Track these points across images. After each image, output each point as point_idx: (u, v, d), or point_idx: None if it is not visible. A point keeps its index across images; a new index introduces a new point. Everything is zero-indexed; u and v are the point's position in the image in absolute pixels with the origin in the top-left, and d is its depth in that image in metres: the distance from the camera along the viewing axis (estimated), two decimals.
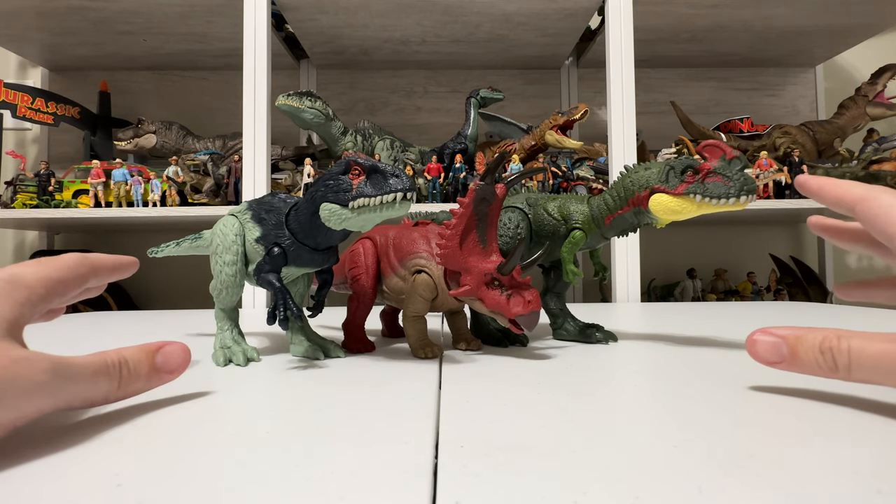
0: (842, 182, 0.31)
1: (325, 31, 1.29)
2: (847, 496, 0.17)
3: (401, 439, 0.24)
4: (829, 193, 0.32)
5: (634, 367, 0.40)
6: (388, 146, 1.23)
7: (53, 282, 0.27)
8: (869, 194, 0.29)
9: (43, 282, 0.27)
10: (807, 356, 0.26)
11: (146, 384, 0.28)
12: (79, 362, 0.24)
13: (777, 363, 0.28)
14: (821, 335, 0.26)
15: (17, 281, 0.25)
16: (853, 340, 0.25)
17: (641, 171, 0.44)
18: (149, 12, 1.20)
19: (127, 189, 1.13)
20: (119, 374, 0.26)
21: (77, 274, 0.29)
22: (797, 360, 0.27)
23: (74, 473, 0.20)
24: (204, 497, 0.18)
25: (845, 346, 0.25)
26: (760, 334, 0.28)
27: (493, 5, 1.17)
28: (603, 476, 0.19)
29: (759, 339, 0.28)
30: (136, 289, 1.51)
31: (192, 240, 0.51)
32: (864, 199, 0.29)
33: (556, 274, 0.52)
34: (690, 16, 1.26)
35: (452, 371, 0.38)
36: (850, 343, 0.25)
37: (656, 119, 1.54)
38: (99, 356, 0.26)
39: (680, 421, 0.26)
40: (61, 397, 0.23)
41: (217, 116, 1.53)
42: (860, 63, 1.60)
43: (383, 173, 0.36)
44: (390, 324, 0.56)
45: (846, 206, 0.31)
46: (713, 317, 0.71)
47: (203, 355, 0.45)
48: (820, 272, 1.53)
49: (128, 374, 0.27)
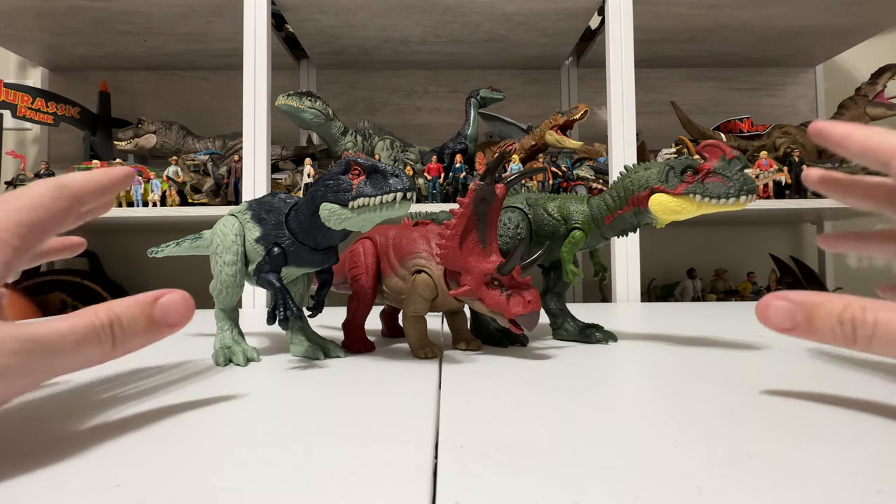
0: (874, 130, 0.27)
1: (325, 31, 1.29)
2: (847, 496, 0.17)
3: (401, 439, 0.24)
4: (857, 143, 0.28)
5: (634, 367, 0.40)
6: (388, 146, 1.23)
7: (27, 227, 0.23)
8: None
9: (14, 230, 0.23)
10: (824, 324, 0.24)
11: (146, 339, 0.25)
12: (59, 331, 0.22)
13: (789, 330, 0.26)
14: (842, 303, 0.24)
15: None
16: (881, 313, 0.23)
17: (641, 171, 0.44)
18: (149, 12, 1.20)
19: (127, 189, 1.13)
20: (111, 335, 0.23)
21: (56, 210, 0.25)
22: (812, 328, 0.25)
23: (74, 473, 0.20)
24: (204, 497, 0.18)
25: (871, 318, 0.23)
26: (774, 299, 0.26)
27: (493, 5, 1.17)
28: (603, 476, 0.19)
29: (773, 303, 0.26)
30: (136, 289, 1.51)
31: (192, 240, 0.51)
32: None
33: (556, 274, 0.52)
34: (690, 16, 1.26)
35: (452, 371, 0.38)
36: (878, 315, 0.23)
37: (656, 119, 1.54)
38: (87, 317, 0.23)
39: (680, 421, 0.26)
40: (41, 374, 0.21)
41: (217, 116, 1.53)
42: (860, 63, 1.60)
43: (383, 173, 0.36)
44: (390, 324, 0.56)
45: (879, 160, 0.27)
46: (713, 317, 0.71)
47: (203, 355, 0.45)
48: (820, 272, 1.53)
49: (122, 333, 0.24)
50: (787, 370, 0.37)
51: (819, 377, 0.35)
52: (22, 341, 0.20)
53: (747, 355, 0.43)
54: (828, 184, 0.34)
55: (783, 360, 0.41)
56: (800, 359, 0.41)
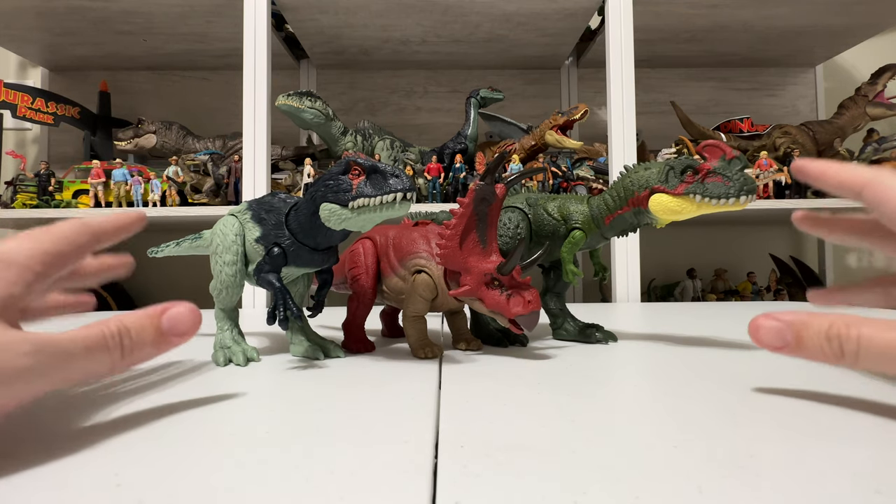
0: (845, 165, 0.30)
1: (325, 31, 1.29)
2: (847, 496, 0.17)
3: (401, 439, 0.24)
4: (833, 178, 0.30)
5: (634, 367, 0.40)
6: (388, 146, 1.23)
7: (50, 256, 0.25)
8: (877, 177, 0.28)
9: (38, 258, 0.25)
10: (812, 342, 0.26)
11: (154, 351, 0.26)
12: (71, 338, 0.23)
13: (780, 348, 0.27)
14: (828, 321, 0.25)
15: (8, 259, 0.24)
16: (863, 328, 0.24)
17: (641, 171, 0.44)
18: (149, 12, 1.20)
19: (127, 189, 1.13)
20: (120, 345, 0.24)
21: (76, 245, 0.27)
22: (802, 346, 0.26)
23: (74, 472, 0.20)
24: (203, 497, 0.18)
25: (854, 333, 0.24)
26: (764, 319, 0.27)
27: (493, 5, 1.17)
28: (603, 476, 0.19)
29: (763, 323, 0.27)
30: (136, 289, 1.51)
31: (192, 240, 0.51)
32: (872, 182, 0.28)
33: (556, 274, 0.52)
34: (690, 16, 1.26)
35: (452, 371, 0.38)
36: (861, 331, 0.24)
37: (656, 119, 1.54)
38: (96, 328, 0.24)
39: (680, 421, 0.26)
40: (53, 378, 0.22)
41: (217, 116, 1.53)
42: (860, 63, 1.60)
43: (383, 173, 0.36)
44: (390, 324, 0.56)
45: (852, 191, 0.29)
46: (713, 317, 0.71)
47: (203, 355, 0.45)
48: (820, 272, 1.53)
49: (130, 344, 0.25)
50: (787, 370, 0.37)
51: (818, 377, 0.35)
52: (35, 344, 0.22)
53: (747, 355, 0.43)
54: (812, 223, 0.35)
55: (783, 360, 0.41)
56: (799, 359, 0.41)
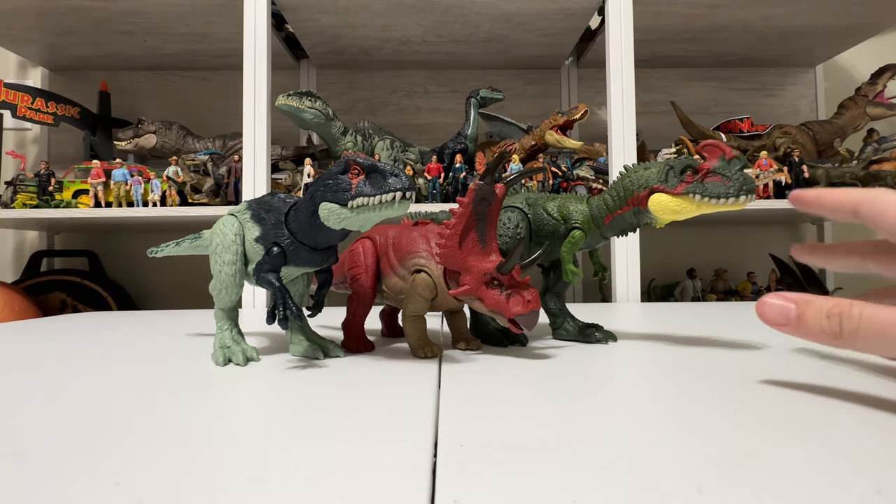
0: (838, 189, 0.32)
1: (325, 31, 1.29)
2: (847, 496, 0.17)
3: (400, 439, 0.24)
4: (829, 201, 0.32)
5: (634, 367, 0.39)
6: (388, 146, 1.23)
7: None
8: (870, 194, 0.29)
9: None
10: (813, 320, 0.26)
11: None
12: None
13: (783, 325, 0.28)
14: (832, 301, 0.26)
15: None
16: (866, 308, 0.25)
17: (641, 171, 0.44)
18: (149, 12, 1.20)
19: (127, 189, 1.13)
20: None
21: None
22: (803, 324, 0.27)
23: (74, 473, 0.20)
24: (203, 497, 0.18)
25: (857, 311, 0.25)
26: (771, 297, 0.28)
27: (493, 5, 1.17)
28: (603, 476, 0.19)
29: (770, 301, 0.28)
30: (136, 289, 1.51)
31: (191, 240, 0.51)
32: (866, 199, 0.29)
33: (556, 274, 0.52)
34: (690, 16, 1.26)
35: (452, 371, 0.38)
36: (864, 310, 0.25)
37: (656, 119, 1.54)
38: None
39: (680, 421, 0.26)
40: None
41: (217, 116, 1.53)
42: (860, 63, 1.60)
43: (382, 173, 0.36)
44: (390, 324, 0.56)
45: (848, 211, 0.31)
46: (713, 317, 0.71)
47: (203, 355, 0.45)
48: (820, 272, 1.53)
49: None
50: (787, 370, 0.37)
51: (818, 377, 0.35)
52: None
53: (747, 355, 0.43)
54: (812, 253, 0.36)
55: (783, 359, 0.41)
56: (799, 358, 0.41)
